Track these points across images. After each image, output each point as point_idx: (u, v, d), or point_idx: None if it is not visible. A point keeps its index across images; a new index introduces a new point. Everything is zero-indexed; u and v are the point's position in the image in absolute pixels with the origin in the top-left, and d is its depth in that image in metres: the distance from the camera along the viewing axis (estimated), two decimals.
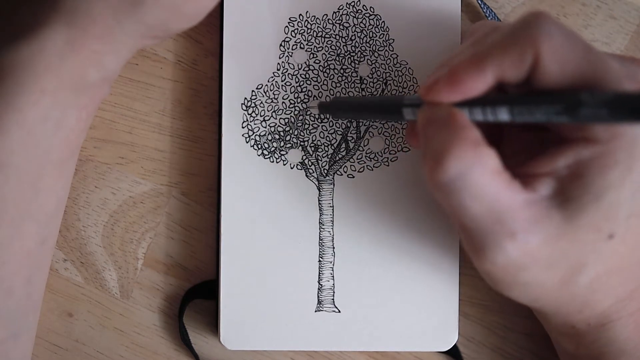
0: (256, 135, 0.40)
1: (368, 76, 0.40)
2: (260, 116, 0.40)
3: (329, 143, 0.41)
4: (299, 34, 0.40)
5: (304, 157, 0.40)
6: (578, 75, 0.30)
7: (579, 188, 0.30)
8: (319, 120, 0.40)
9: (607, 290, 0.33)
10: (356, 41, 0.40)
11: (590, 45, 0.30)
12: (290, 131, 0.40)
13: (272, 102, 0.40)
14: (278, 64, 0.40)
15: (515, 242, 0.30)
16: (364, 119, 0.40)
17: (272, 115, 0.40)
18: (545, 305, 0.34)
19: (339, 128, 0.41)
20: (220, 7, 0.40)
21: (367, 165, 0.41)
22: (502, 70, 0.30)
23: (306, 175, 0.40)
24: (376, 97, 0.40)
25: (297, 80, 0.40)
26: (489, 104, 0.30)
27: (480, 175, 0.29)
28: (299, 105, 0.40)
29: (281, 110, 0.40)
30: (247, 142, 0.40)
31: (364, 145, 0.41)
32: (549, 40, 0.29)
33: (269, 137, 0.40)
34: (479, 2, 0.41)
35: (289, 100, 0.40)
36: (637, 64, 0.31)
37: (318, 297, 0.40)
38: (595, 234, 0.31)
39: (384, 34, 0.40)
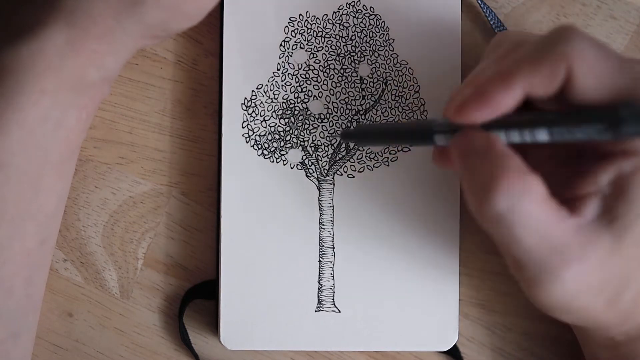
0: (256, 135, 0.40)
1: (368, 76, 0.40)
2: (260, 116, 0.40)
3: (329, 143, 0.41)
4: (299, 34, 0.40)
5: (304, 157, 0.40)
6: (614, 88, 0.29)
7: (624, 205, 0.29)
8: (319, 120, 0.40)
9: None
10: (356, 41, 0.40)
11: (622, 56, 0.30)
12: (291, 131, 0.40)
13: (272, 102, 0.40)
14: (278, 64, 0.40)
15: (571, 271, 0.29)
16: (390, 146, 0.40)
17: (272, 115, 0.40)
18: (589, 322, 0.33)
19: (339, 128, 0.40)
20: (220, 7, 0.40)
21: (367, 165, 0.41)
22: (532, 86, 0.29)
23: (306, 175, 0.40)
24: (402, 123, 0.39)
25: (297, 80, 0.40)
26: (527, 126, 0.29)
27: (530, 206, 0.28)
28: (299, 105, 0.40)
29: (281, 110, 0.40)
30: (247, 142, 0.40)
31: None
32: (582, 56, 0.29)
33: (269, 137, 0.40)
34: (479, 2, 0.41)
35: (289, 100, 0.40)
36: None
37: (318, 297, 0.40)
38: None
39: (384, 34, 0.40)
